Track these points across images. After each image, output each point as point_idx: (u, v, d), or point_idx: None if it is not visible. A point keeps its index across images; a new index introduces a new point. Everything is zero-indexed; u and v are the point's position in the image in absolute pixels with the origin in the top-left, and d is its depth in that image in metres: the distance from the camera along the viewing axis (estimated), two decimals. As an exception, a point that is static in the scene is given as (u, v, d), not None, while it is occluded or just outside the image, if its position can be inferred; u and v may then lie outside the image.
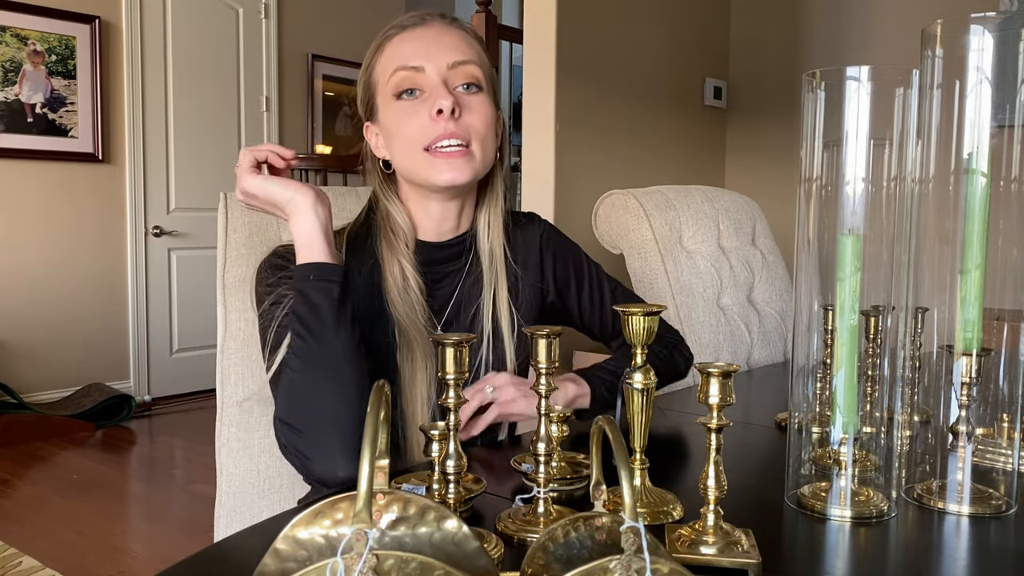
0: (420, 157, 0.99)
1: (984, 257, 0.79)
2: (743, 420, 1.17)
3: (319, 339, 0.87)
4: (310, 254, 0.90)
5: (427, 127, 0.97)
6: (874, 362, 0.88)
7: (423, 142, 0.97)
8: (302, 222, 0.91)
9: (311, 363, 0.87)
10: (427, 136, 0.97)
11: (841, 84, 0.77)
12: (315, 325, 0.87)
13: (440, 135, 0.97)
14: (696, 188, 1.89)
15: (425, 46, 0.99)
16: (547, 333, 0.74)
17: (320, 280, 0.88)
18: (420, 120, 0.97)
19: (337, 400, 0.86)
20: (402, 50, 1.00)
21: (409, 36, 1.00)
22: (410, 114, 0.98)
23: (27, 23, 4.07)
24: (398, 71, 0.98)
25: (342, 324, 0.88)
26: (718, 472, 0.67)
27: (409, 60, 0.98)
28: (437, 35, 1.00)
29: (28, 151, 4.09)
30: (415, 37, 1.00)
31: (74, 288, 4.28)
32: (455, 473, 0.73)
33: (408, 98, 0.99)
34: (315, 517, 0.53)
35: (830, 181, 0.78)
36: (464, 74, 0.99)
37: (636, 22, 3.33)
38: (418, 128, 0.97)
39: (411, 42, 1.00)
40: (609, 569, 0.46)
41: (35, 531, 2.75)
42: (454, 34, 1.01)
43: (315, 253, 0.90)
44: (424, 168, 0.99)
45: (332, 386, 0.86)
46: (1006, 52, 0.78)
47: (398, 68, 0.98)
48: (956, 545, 0.74)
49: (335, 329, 0.87)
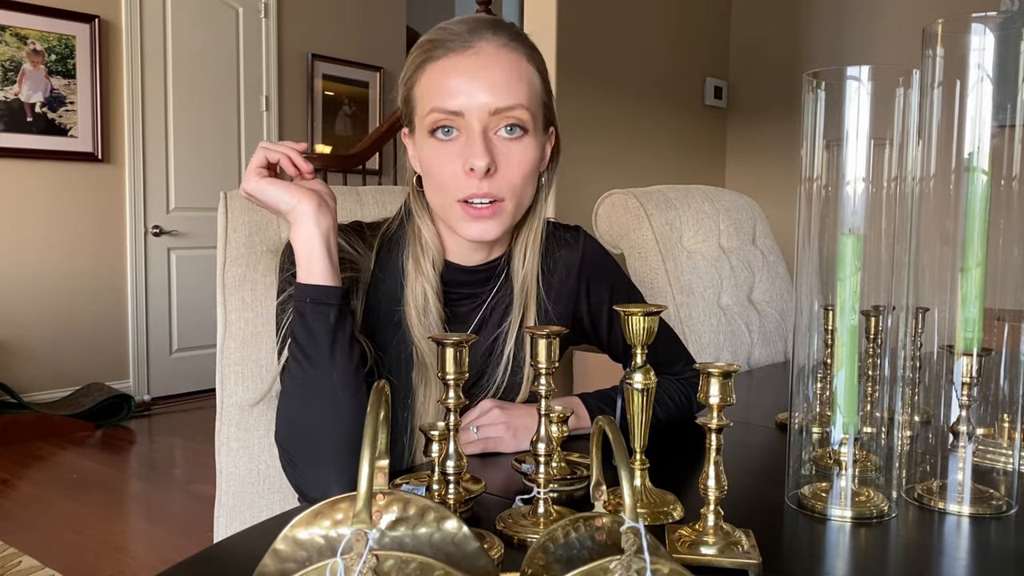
0: (450, 207, 0.93)
1: (985, 256, 0.79)
2: (743, 420, 1.17)
3: (315, 365, 0.85)
4: (308, 274, 0.87)
5: (460, 179, 0.91)
6: (874, 362, 0.88)
7: (456, 195, 0.92)
8: (302, 234, 0.87)
9: (307, 389, 0.86)
10: (460, 190, 0.91)
11: (841, 84, 0.77)
12: (311, 351, 0.85)
13: (472, 193, 0.91)
14: (696, 188, 1.89)
15: (468, 84, 0.89)
16: (547, 333, 0.73)
17: (317, 304, 0.86)
18: (453, 168, 0.91)
19: (333, 430, 0.85)
20: (444, 84, 0.90)
21: (454, 66, 0.90)
22: (444, 158, 0.91)
23: (27, 22, 4.07)
24: (434, 112, 0.90)
25: (338, 349, 0.86)
26: (718, 472, 0.67)
27: (448, 102, 0.89)
28: (486, 67, 0.90)
29: (28, 151, 4.08)
30: (460, 69, 0.90)
31: (74, 288, 4.28)
32: (455, 473, 0.73)
33: (444, 137, 0.91)
34: (315, 517, 0.53)
35: (830, 181, 0.78)
36: (507, 119, 0.91)
37: (636, 22, 3.33)
38: (451, 177, 0.91)
39: (455, 75, 0.90)
40: (609, 569, 0.46)
41: (35, 531, 2.75)
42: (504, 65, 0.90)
43: (314, 272, 0.86)
44: (453, 219, 0.94)
45: (328, 417, 0.85)
46: (1007, 51, 0.78)
47: (435, 109, 0.90)
48: (956, 545, 0.74)
49: (330, 355, 0.85)
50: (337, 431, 0.85)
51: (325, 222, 0.88)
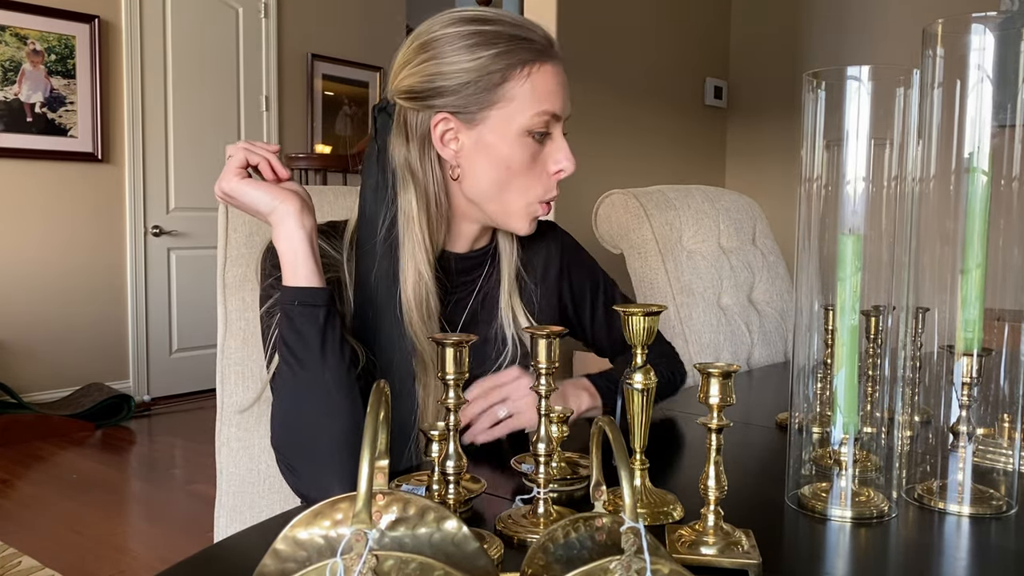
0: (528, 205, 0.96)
1: (985, 257, 0.79)
2: (743, 420, 1.17)
3: (307, 367, 0.85)
4: (295, 276, 0.86)
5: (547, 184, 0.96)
6: (875, 362, 0.88)
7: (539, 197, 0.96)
8: (285, 236, 0.86)
9: (300, 392, 0.85)
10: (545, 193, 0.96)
11: (841, 84, 0.77)
12: (302, 353, 0.85)
13: (554, 195, 0.97)
14: (696, 188, 1.89)
15: (564, 92, 0.94)
16: (547, 333, 0.73)
17: (305, 306, 0.85)
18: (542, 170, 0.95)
19: (329, 430, 0.85)
20: (549, 87, 0.92)
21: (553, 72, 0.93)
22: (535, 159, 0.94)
23: (26, 22, 4.07)
24: (546, 115, 0.92)
25: (329, 350, 0.85)
26: (718, 472, 0.67)
27: (556, 106, 0.93)
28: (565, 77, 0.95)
29: (27, 151, 4.08)
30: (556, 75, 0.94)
31: (73, 288, 4.28)
32: (455, 473, 0.73)
33: (537, 140, 0.93)
34: (315, 517, 0.53)
35: (830, 181, 0.78)
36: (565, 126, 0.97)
37: (636, 22, 3.33)
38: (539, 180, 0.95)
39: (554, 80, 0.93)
40: (609, 570, 0.46)
41: (35, 531, 2.75)
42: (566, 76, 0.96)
43: (300, 274, 0.86)
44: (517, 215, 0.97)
45: (324, 419, 0.85)
46: (1007, 51, 0.78)
47: (547, 112, 0.92)
48: (957, 545, 0.74)
49: (321, 356, 0.85)
50: (333, 431, 0.84)
51: (308, 222, 0.88)
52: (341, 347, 0.86)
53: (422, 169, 0.95)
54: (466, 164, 0.94)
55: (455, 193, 0.98)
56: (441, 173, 0.96)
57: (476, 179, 0.95)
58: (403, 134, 0.96)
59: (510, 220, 0.97)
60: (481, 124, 0.92)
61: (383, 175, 0.96)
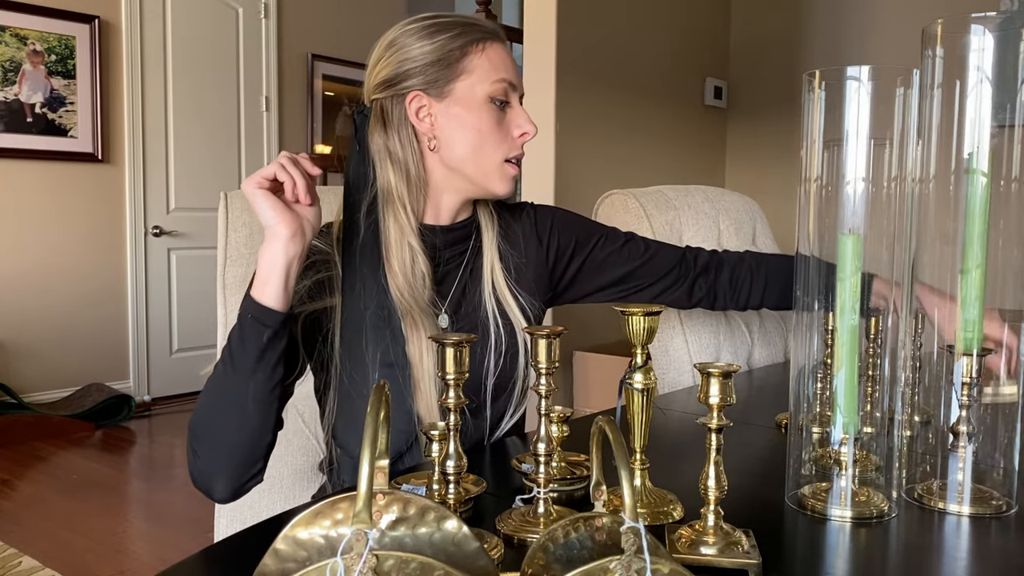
0: (495, 165, 1.06)
1: (984, 257, 0.79)
2: (743, 420, 1.17)
3: (237, 372, 0.91)
4: (261, 292, 0.90)
5: (513, 144, 1.06)
6: (874, 362, 0.88)
7: (507, 154, 1.06)
8: (268, 254, 0.91)
9: (223, 390, 0.92)
10: (512, 151, 1.06)
11: (841, 84, 0.77)
12: (239, 359, 0.91)
13: (519, 154, 1.07)
14: (696, 188, 1.89)
15: (514, 66, 1.08)
16: (547, 333, 0.74)
17: (256, 321, 0.90)
18: (507, 133, 1.06)
19: (233, 434, 0.92)
20: (504, 60, 1.06)
21: (504, 49, 1.07)
22: (500, 123, 1.05)
23: (27, 23, 4.07)
24: (504, 81, 1.04)
25: (261, 367, 0.91)
26: (718, 472, 0.67)
27: (512, 77, 1.06)
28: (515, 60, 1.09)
29: (28, 151, 4.08)
30: (507, 53, 1.07)
31: (74, 288, 4.28)
32: (455, 473, 0.73)
33: (498, 107, 1.05)
34: (315, 517, 0.53)
35: (830, 181, 0.78)
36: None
37: (636, 22, 3.33)
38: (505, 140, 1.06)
39: (507, 56, 1.07)
40: (609, 569, 0.46)
41: (35, 531, 2.75)
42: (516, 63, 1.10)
43: (266, 293, 0.90)
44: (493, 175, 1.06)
45: (232, 422, 0.92)
46: (1006, 52, 0.78)
47: (505, 79, 1.04)
48: (956, 545, 0.74)
49: (252, 370, 0.91)
50: (237, 437, 0.92)
51: (293, 249, 0.91)
52: (274, 368, 0.92)
53: (400, 146, 1.04)
54: (441, 134, 1.04)
55: (434, 165, 1.06)
56: (418, 146, 1.05)
57: (452, 146, 1.04)
58: (381, 124, 1.06)
59: (488, 181, 1.06)
60: (449, 96, 1.03)
61: (363, 165, 1.05)
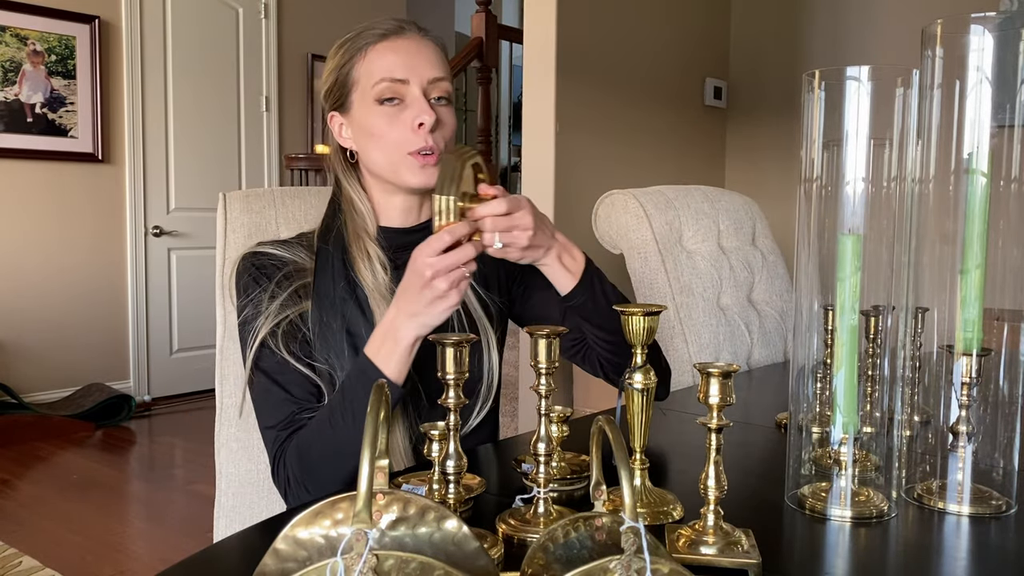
0: (402, 160, 1.06)
1: (984, 257, 0.79)
2: (743, 420, 1.17)
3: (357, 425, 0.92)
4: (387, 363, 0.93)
5: (409, 136, 1.05)
6: (874, 362, 0.88)
7: (407, 148, 1.05)
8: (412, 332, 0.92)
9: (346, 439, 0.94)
10: (410, 144, 1.05)
11: (841, 84, 0.77)
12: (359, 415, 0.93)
13: (422, 146, 1.05)
14: (696, 188, 1.89)
15: (408, 59, 1.07)
16: (547, 333, 0.74)
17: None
18: (402, 127, 1.05)
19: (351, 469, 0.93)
20: (387, 60, 1.06)
21: (392, 46, 1.07)
22: (393, 121, 1.06)
23: (27, 23, 4.07)
24: (384, 81, 1.05)
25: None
26: (718, 472, 0.67)
27: (395, 72, 1.05)
28: (417, 48, 1.08)
29: (28, 151, 4.08)
30: (397, 48, 1.07)
31: (74, 288, 4.28)
32: (455, 473, 0.73)
33: (389, 105, 1.06)
34: (315, 517, 0.53)
35: (830, 181, 0.78)
36: (439, 89, 1.08)
37: (636, 22, 3.33)
38: (401, 135, 1.05)
39: (394, 53, 1.07)
40: (609, 569, 0.46)
41: (35, 531, 2.75)
42: (431, 48, 1.09)
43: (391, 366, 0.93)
44: (402, 170, 1.06)
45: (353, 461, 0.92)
46: (1006, 52, 0.78)
47: (384, 79, 1.05)
48: (956, 545, 0.74)
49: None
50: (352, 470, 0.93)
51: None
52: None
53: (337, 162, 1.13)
54: (356, 145, 1.10)
55: (364, 174, 1.12)
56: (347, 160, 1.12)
57: (365, 154, 1.09)
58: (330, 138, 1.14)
59: (400, 177, 1.07)
60: (351, 109, 1.09)
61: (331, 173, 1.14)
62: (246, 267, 1.06)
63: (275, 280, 1.04)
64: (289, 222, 1.22)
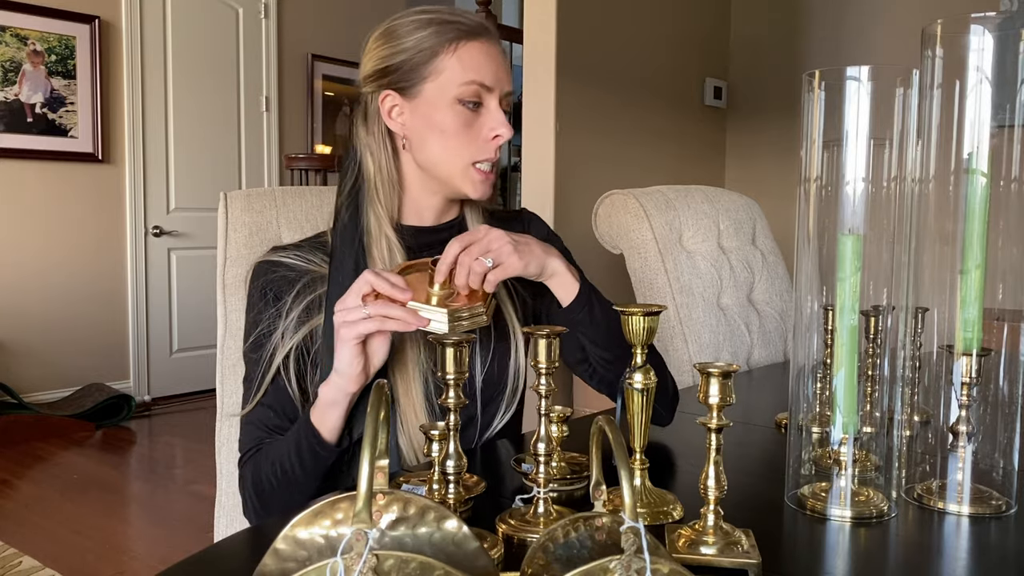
0: (465, 168, 1.03)
1: (984, 257, 0.79)
2: (743, 420, 1.17)
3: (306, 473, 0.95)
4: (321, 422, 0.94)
5: (483, 146, 1.03)
6: (874, 362, 0.88)
7: (475, 157, 1.03)
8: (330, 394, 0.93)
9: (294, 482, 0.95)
10: (481, 154, 1.03)
11: (841, 84, 0.77)
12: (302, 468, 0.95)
13: (489, 157, 1.04)
14: (696, 188, 1.89)
15: (495, 67, 1.04)
16: (547, 333, 0.74)
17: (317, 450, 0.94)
18: (478, 135, 1.03)
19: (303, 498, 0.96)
20: (478, 61, 1.02)
21: (483, 48, 1.03)
22: (469, 125, 1.02)
23: (27, 23, 4.07)
24: (474, 83, 1.01)
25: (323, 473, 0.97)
26: (718, 472, 0.67)
27: (485, 77, 1.02)
28: (501, 56, 1.06)
29: (28, 151, 4.08)
30: (486, 52, 1.03)
31: (74, 288, 4.28)
32: (455, 473, 0.73)
33: (467, 108, 1.02)
34: (315, 517, 0.53)
35: (830, 181, 0.78)
36: (508, 103, 1.06)
37: (636, 22, 3.33)
38: (474, 143, 1.03)
39: (485, 56, 1.03)
40: (609, 569, 0.46)
41: (35, 531, 2.75)
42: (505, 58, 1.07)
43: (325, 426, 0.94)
44: (462, 178, 1.04)
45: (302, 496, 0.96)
46: (1006, 52, 0.78)
47: (475, 81, 1.01)
48: (956, 545, 0.74)
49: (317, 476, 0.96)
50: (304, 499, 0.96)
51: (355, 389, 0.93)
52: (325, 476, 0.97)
53: (376, 143, 1.05)
54: (411, 134, 1.04)
55: (407, 164, 1.07)
56: (392, 145, 1.06)
57: (421, 147, 1.04)
58: (363, 117, 1.07)
59: (456, 183, 1.04)
60: (419, 96, 1.02)
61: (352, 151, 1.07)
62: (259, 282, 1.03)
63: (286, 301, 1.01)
64: (290, 222, 1.22)
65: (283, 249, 1.05)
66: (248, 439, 1.00)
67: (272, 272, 1.02)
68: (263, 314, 1.01)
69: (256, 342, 1.01)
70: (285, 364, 0.99)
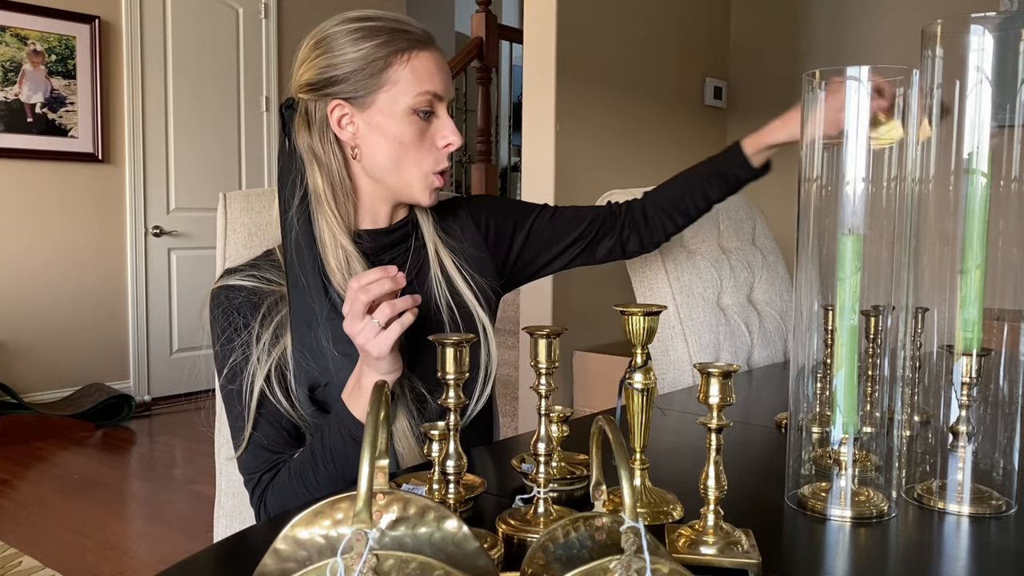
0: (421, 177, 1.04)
1: (984, 257, 0.79)
2: (743, 420, 1.17)
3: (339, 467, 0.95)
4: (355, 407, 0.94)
5: (437, 156, 1.05)
6: (874, 362, 0.88)
7: (433, 167, 1.05)
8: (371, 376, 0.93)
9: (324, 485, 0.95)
10: (436, 163, 1.05)
11: (841, 84, 0.77)
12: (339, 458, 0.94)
13: (445, 166, 1.06)
14: (696, 188, 1.88)
15: (445, 76, 1.05)
16: (547, 333, 0.74)
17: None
18: (432, 144, 1.04)
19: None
20: (431, 70, 1.03)
21: (433, 57, 1.04)
22: (423, 133, 1.03)
23: (27, 23, 4.07)
24: (428, 93, 1.02)
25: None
26: (718, 472, 0.67)
27: (438, 88, 1.03)
28: (446, 64, 1.07)
29: (28, 151, 4.08)
30: (436, 61, 1.04)
31: (74, 288, 4.28)
32: (455, 473, 0.73)
33: (422, 118, 1.03)
34: (315, 517, 0.53)
35: (830, 181, 0.78)
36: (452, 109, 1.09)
37: (636, 22, 3.33)
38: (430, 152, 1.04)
39: (436, 65, 1.04)
40: (609, 569, 0.46)
41: (35, 531, 2.75)
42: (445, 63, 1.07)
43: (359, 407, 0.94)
44: (420, 187, 1.05)
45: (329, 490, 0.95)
46: (1006, 52, 0.78)
47: (429, 91, 1.02)
48: (956, 545, 0.74)
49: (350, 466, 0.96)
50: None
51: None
52: None
53: (324, 152, 1.04)
54: (363, 144, 1.03)
55: (358, 172, 1.06)
56: (342, 154, 1.05)
57: (374, 157, 1.03)
58: (305, 123, 1.05)
59: (412, 192, 1.05)
60: (371, 107, 1.02)
61: (291, 162, 1.04)
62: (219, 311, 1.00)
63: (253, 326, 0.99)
64: (289, 222, 1.22)
65: (237, 272, 1.03)
66: (254, 461, 0.99)
67: (233, 298, 1.00)
68: (232, 343, 0.98)
69: (232, 373, 0.98)
70: (268, 385, 0.97)
